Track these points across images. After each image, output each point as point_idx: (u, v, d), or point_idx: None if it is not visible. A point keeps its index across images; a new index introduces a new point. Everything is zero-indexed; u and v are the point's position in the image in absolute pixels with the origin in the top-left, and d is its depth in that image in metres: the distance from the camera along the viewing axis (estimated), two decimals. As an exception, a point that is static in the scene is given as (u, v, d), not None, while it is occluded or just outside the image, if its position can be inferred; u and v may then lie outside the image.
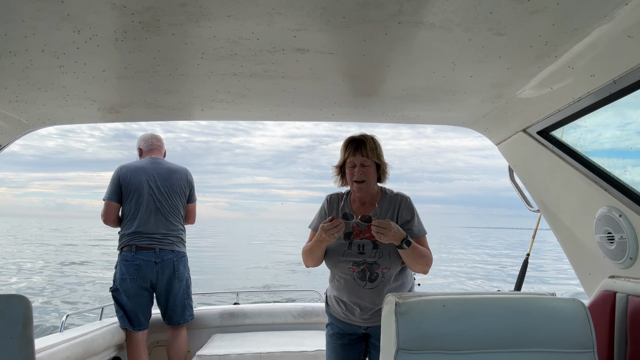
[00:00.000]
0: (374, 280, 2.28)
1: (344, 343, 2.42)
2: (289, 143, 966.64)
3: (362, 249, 2.29)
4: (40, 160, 56.61)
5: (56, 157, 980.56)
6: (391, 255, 2.26)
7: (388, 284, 2.29)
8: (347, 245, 2.32)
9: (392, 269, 2.28)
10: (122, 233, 3.43)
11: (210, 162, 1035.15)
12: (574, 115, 1.91)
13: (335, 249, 2.34)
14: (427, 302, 1.49)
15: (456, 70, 1.79)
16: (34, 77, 1.86)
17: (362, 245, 2.30)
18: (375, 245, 2.27)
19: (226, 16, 1.38)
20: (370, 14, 1.36)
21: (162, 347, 3.59)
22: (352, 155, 2.31)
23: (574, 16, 1.36)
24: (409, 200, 2.37)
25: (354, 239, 2.32)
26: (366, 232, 2.30)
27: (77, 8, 1.32)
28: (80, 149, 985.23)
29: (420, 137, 55.62)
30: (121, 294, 3.31)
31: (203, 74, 1.87)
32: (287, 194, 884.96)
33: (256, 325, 3.69)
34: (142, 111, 2.39)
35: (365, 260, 2.28)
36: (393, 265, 2.27)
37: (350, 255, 2.31)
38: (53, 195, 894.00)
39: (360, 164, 2.28)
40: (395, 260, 2.27)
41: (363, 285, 2.29)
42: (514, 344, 1.44)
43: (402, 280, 2.34)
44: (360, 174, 2.28)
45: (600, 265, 2.03)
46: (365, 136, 2.34)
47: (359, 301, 2.32)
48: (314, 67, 1.79)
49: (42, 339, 2.75)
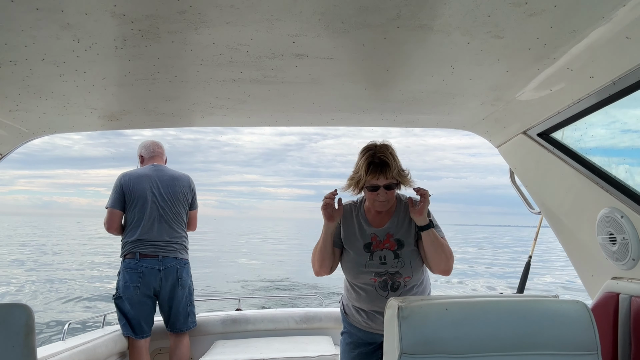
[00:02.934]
0: (396, 289, 2.27)
1: (362, 352, 2.39)
2: (277, 141, 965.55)
3: (384, 260, 2.26)
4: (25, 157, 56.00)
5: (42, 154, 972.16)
6: (412, 263, 2.26)
7: (410, 292, 2.29)
8: (369, 257, 2.28)
9: (414, 277, 2.28)
10: (125, 241, 3.42)
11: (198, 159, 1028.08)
12: (573, 116, 1.91)
13: (356, 261, 2.28)
14: (430, 306, 1.48)
15: (455, 73, 1.80)
16: (34, 86, 1.86)
17: (384, 256, 2.27)
18: (397, 255, 2.27)
19: (225, 23, 1.39)
20: (369, 18, 1.37)
21: (164, 354, 3.58)
22: (375, 179, 2.14)
23: (571, 18, 1.37)
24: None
25: (374, 250, 2.28)
26: (385, 242, 2.28)
27: (77, 17, 1.33)
28: (66, 147, 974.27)
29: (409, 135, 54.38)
30: (124, 302, 3.30)
31: (203, 81, 1.88)
32: (277, 191, 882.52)
33: (258, 331, 3.68)
34: (142, 118, 2.39)
35: (387, 271, 2.26)
36: (415, 273, 2.27)
37: (372, 266, 2.27)
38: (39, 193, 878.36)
39: (384, 186, 2.15)
40: (416, 268, 2.27)
41: (385, 295, 2.26)
42: (517, 347, 1.44)
43: (422, 286, 2.34)
44: (385, 195, 2.16)
45: (602, 266, 2.02)
46: (385, 155, 2.14)
47: (381, 310, 2.22)
48: (314, 72, 1.79)
49: (44, 347, 2.75)
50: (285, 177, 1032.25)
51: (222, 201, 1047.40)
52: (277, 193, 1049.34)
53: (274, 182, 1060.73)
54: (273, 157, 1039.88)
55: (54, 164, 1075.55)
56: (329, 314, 3.73)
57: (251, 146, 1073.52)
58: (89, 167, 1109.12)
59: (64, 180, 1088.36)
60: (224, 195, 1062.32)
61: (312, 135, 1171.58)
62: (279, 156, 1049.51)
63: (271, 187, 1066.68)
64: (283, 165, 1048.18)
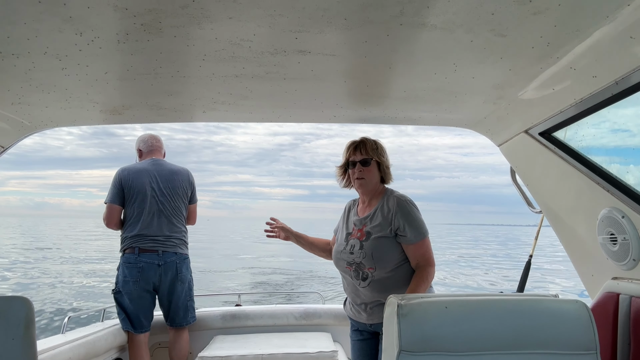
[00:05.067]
0: (365, 279, 2.31)
1: (359, 339, 2.50)
2: (271, 141, 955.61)
3: (352, 249, 2.35)
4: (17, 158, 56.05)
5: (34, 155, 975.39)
6: (374, 255, 2.27)
7: (382, 283, 2.29)
8: (344, 245, 2.40)
9: (379, 270, 2.28)
10: (125, 236, 3.42)
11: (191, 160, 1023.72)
12: (576, 116, 1.90)
13: (336, 249, 2.45)
14: (429, 304, 1.48)
15: (458, 71, 1.79)
16: (37, 80, 1.86)
17: (353, 245, 2.35)
18: (362, 245, 2.31)
19: (228, 18, 1.38)
20: (372, 15, 1.36)
21: (163, 348, 3.59)
22: (352, 154, 2.42)
23: (575, 17, 1.36)
24: (405, 204, 2.32)
25: (350, 239, 2.39)
26: (359, 231, 2.35)
27: (79, 10, 1.33)
28: (58, 147, 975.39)
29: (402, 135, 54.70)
30: (123, 296, 3.30)
31: (205, 76, 1.88)
32: (270, 192, 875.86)
33: (258, 327, 3.69)
34: (144, 113, 2.39)
35: (354, 260, 2.33)
36: (378, 266, 2.27)
37: (344, 254, 2.38)
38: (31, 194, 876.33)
39: (360, 162, 2.37)
40: (379, 262, 2.27)
41: (358, 284, 2.34)
42: (517, 346, 1.44)
43: (394, 281, 2.30)
44: (360, 172, 2.37)
45: (603, 266, 2.02)
46: (366, 138, 2.44)
47: (357, 299, 2.38)
48: (316, 68, 1.79)
49: (44, 340, 2.76)
50: (279, 177, 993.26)
51: (215, 201, 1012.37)
52: (270, 193, 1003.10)
53: (268, 182, 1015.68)
54: (266, 157, 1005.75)
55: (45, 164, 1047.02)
56: (329, 310, 3.74)
57: (244, 146, 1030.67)
58: (81, 167, 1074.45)
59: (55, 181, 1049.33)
60: (217, 195, 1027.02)
61: (305, 135, 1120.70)
62: (273, 156, 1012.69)
63: (265, 187, 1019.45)
64: (276, 165, 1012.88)
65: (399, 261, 2.30)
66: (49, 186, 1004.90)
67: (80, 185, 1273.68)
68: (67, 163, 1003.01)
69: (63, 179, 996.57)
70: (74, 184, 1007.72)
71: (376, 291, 2.29)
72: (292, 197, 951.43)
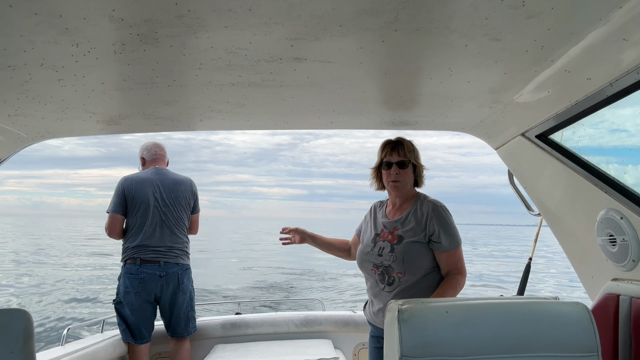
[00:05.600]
0: (391, 284, 2.24)
1: (377, 346, 2.38)
2: (270, 141, 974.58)
3: (381, 251, 2.28)
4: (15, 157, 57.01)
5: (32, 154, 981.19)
6: (405, 261, 2.19)
7: (408, 290, 2.21)
8: (372, 247, 2.33)
9: (408, 275, 2.20)
10: (127, 246, 3.40)
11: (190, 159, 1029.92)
12: (571, 118, 1.91)
13: (362, 249, 2.38)
14: (430, 309, 1.48)
15: (453, 76, 1.80)
16: (33, 91, 1.86)
17: (382, 247, 2.28)
18: (392, 249, 2.24)
19: (223, 27, 1.39)
20: (367, 22, 1.37)
21: (164, 358, 3.58)
22: (389, 155, 2.31)
23: (569, 20, 1.37)
24: (441, 210, 2.25)
25: (378, 240, 2.32)
26: (389, 234, 2.29)
27: (75, 22, 1.33)
28: (56, 146, 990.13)
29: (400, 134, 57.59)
30: (124, 307, 3.28)
31: (201, 85, 1.88)
32: (269, 191, 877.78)
33: (258, 335, 3.67)
34: (141, 122, 2.39)
35: (382, 263, 2.26)
36: (407, 271, 2.20)
37: (371, 256, 2.31)
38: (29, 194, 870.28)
39: (397, 163, 2.29)
40: (409, 267, 2.19)
41: (382, 288, 2.27)
42: (518, 349, 1.43)
43: (419, 289, 2.22)
44: (397, 174, 2.28)
45: (602, 268, 2.02)
46: (402, 138, 2.35)
47: (380, 305, 2.29)
48: (312, 75, 1.79)
49: (43, 352, 2.74)
50: (278, 176, 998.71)
51: (214, 201, 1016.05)
52: (269, 193, 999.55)
53: (266, 182, 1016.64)
54: (265, 157, 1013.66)
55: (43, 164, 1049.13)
56: (329, 317, 3.72)
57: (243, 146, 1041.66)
58: (79, 167, 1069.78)
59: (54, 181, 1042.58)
60: (216, 195, 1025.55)
61: (304, 135, 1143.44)
62: (271, 156, 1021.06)
63: (263, 187, 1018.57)
64: (275, 165, 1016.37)
65: (428, 269, 2.22)
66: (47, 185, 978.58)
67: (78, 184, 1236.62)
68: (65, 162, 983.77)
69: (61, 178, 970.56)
70: (72, 183, 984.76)
71: (401, 298, 2.22)
72: (290, 197, 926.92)
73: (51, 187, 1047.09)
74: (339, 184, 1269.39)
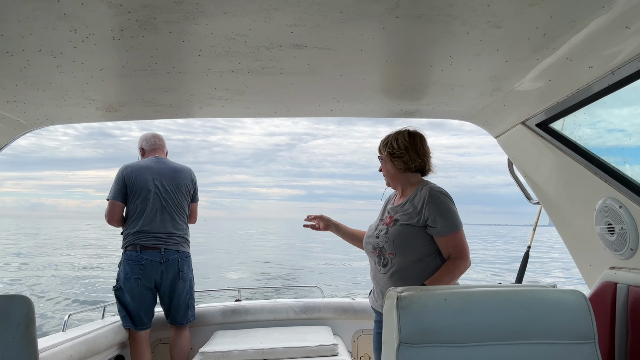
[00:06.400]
0: (385, 266, 2.28)
1: (379, 332, 2.39)
2: (267, 141, 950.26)
3: (378, 234, 2.34)
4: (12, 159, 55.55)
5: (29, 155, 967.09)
6: (395, 242, 2.23)
7: (401, 272, 2.23)
8: (374, 230, 2.41)
9: (399, 257, 2.23)
10: (127, 232, 3.40)
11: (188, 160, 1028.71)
12: (572, 107, 1.91)
13: (367, 234, 2.48)
14: (429, 296, 1.49)
15: (454, 63, 1.79)
16: (32, 77, 1.85)
17: (380, 229, 2.34)
18: (387, 230, 2.29)
19: (223, 13, 1.38)
20: (367, 8, 1.36)
21: (164, 344, 3.61)
22: None
23: (571, 8, 1.36)
24: (438, 194, 2.26)
25: (380, 224, 2.39)
26: (389, 218, 2.34)
27: (73, 7, 1.32)
28: (54, 148, 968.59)
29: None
30: (124, 294, 3.30)
31: (201, 72, 1.87)
32: (267, 192, 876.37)
33: (258, 322, 3.70)
34: (140, 109, 2.39)
35: (378, 244, 2.32)
36: (398, 252, 2.22)
37: (371, 238, 2.38)
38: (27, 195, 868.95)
39: (379, 158, 2.47)
40: (399, 248, 2.22)
41: (379, 270, 2.32)
42: (516, 336, 1.45)
43: (419, 269, 2.23)
44: (380, 168, 2.48)
45: (600, 256, 2.03)
46: (387, 135, 2.45)
47: (378, 287, 2.36)
48: (312, 62, 1.78)
49: (44, 338, 2.76)
50: (276, 177, 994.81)
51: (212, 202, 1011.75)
52: (267, 193, 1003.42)
53: (265, 183, 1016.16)
54: (263, 157, 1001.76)
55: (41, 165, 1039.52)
56: (329, 304, 3.75)
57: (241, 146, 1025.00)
58: (77, 168, 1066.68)
59: (51, 182, 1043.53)
60: (214, 195, 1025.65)
61: (302, 136, 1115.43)
62: (269, 156, 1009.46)
63: (262, 188, 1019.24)
64: (273, 166, 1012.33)
65: (422, 253, 2.23)
66: (45, 187, 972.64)
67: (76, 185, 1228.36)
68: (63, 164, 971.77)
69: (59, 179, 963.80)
70: (70, 184, 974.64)
71: (395, 281, 2.23)
72: (289, 197, 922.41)
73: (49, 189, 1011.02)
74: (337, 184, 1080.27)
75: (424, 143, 2.41)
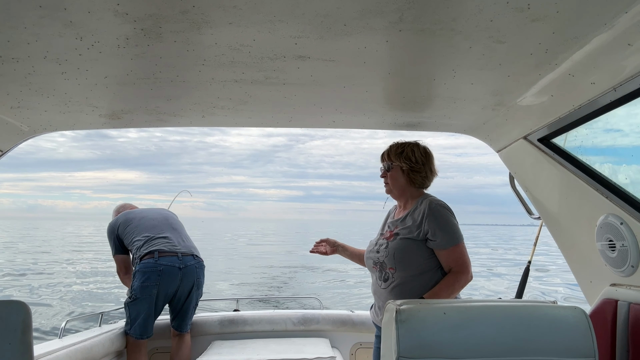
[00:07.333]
0: (386, 280, 2.27)
1: (379, 347, 2.37)
2: (265, 142, 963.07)
3: (378, 248, 2.34)
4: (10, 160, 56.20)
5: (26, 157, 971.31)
6: (395, 256, 2.22)
7: (402, 287, 2.22)
8: (374, 245, 2.40)
9: (399, 271, 2.21)
10: (137, 247, 3.42)
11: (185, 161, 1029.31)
12: (574, 122, 1.91)
13: (367, 249, 2.46)
14: (428, 310, 1.48)
15: (456, 77, 1.80)
16: (36, 84, 1.87)
17: (381, 244, 2.34)
18: (387, 245, 2.29)
19: (228, 23, 1.39)
20: (371, 21, 1.37)
21: (161, 354, 3.58)
22: (381, 162, 2.45)
23: (574, 24, 1.37)
24: (437, 207, 2.24)
25: (380, 239, 2.38)
26: (390, 232, 2.33)
27: (80, 15, 1.33)
28: (51, 149, 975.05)
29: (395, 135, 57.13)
30: (138, 304, 3.25)
31: (204, 81, 1.88)
32: (265, 193, 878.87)
33: (256, 332, 3.68)
34: (143, 117, 2.39)
35: (379, 259, 2.31)
36: (398, 267, 2.21)
37: (372, 253, 2.38)
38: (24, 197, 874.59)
39: (384, 169, 2.42)
40: (400, 263, 2.21)
41: (380, 285, 2.31)
42: (515, 352, 1.43)
43: (419, 284, 2.21)
44: (384, 177, 2.43)
45: (601, 273, 2.02)
46: (395, 143, 2.42)
47: (379, 301, 2.35)
48: (315, 74, 1.79)
49: (41, 345, 2.74)
50: (274, 178, 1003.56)
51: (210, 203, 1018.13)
52: (265, 194, 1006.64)
53: (262, 184, 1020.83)
54: (261, 158, 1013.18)
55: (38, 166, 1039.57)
56: (327, 316, 3.72)
57: (238, 147, 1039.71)
58: (74, 169, 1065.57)
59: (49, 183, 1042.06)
60: (212, 197, 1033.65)
61: (299, 137, 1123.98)
62: (267, 157, 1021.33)
63: (259, 189, 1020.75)
64: (271, 167, 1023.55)
65: (423, 267, 2.21)
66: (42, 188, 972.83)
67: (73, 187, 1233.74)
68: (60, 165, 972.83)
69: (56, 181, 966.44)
70: (67, 185, 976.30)
71: (396, 295, 2.21)
72: (287, 198, 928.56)
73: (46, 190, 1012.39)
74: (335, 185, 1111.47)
75: (434, 161, 2.43)
